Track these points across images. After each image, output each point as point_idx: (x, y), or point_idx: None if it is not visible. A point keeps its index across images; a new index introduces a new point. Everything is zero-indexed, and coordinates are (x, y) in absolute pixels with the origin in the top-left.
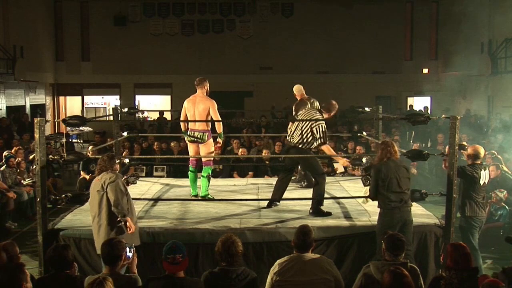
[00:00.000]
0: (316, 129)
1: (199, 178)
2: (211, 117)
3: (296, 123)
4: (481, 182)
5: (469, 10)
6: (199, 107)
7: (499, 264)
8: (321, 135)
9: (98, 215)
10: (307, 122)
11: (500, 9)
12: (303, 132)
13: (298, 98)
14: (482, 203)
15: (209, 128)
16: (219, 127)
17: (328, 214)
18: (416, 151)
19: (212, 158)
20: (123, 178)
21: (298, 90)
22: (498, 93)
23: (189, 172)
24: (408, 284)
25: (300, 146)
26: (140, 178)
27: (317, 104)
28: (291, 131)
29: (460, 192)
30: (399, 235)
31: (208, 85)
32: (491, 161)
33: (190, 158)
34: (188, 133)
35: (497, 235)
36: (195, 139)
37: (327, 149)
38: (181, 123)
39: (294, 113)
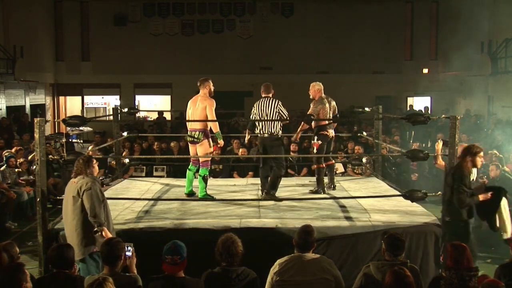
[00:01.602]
0: (280, 111)
1: (196, 178)
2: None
3: (264, 116)
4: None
5: (469, 10)
6: (197, 107)
7: (499, 264)
8: (287, 114)
9: (72, 221)
10: (273, 111)
11: (500, 9)
12: (273, 122)
13: (316, 96)
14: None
15: (207, 128)
16: (215, 127)
17: (280, 200)
18: (415, 151)
19: (209, 159)
20: (100, 178)
21: (319, 86)
22: (498, 93)
23: (188, 170)
24: (410, 284)
25: (274, 135)
26: (140, 178)
27: (333, 103)
28: (260, 127)
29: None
30: (399, 235)
31: (211, 85)
32: (495, 161)
33: (192, 158)
34: (188, 133)
35: (497, 235)
36: (193, 139)
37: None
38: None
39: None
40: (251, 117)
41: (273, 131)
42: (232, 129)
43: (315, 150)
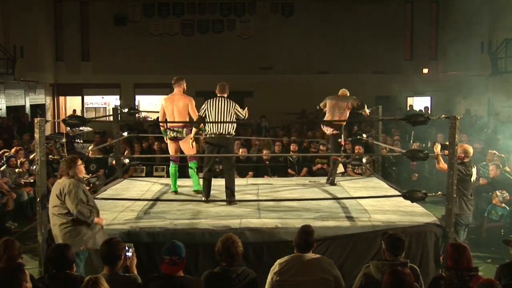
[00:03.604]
0: (237, 111)
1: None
2: (190, 114)
3: (220, 116)
4: (472, 180)
5: (469, 10)
6: (178, 105)
7: (499, 264)
8: (244, 112)
9: (56, 221)
10: (230, 111)
11: (500, 9)
12: (231, 122)
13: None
14: (470, 200)
15: (188, 124)
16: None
17: (236, 202)
18: (415, 151)
19: (195, 153)
20: (86, 179)
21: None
22: (498, 93)
23: (170, 168)
24: (409, 284)
25: (229, 135)
26: (140, 178)
27: (349, 102)
28: (217, 127)
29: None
30: (399, 235)
31: (185, 84)
32: (497, 160)
33: (171, 155)
34: (168, 132)
35: (497, 235)
36: (175, 135)
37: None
38: (160, 124)
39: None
40: (201, 114)
41: (232, 132)
42: None
43: None
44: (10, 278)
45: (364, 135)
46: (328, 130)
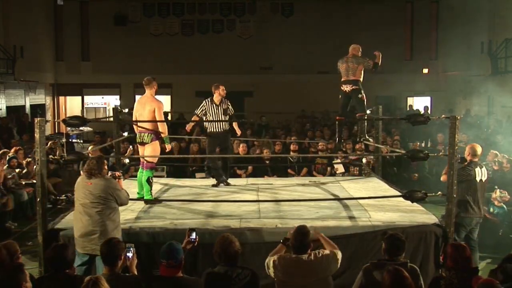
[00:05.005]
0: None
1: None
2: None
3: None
4: (477, 179)
5: (469, 10)
6: (145, 108)
7: (498, 263)
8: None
9: (98, 220)
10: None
11: (500, 9)
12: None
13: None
14: (477, 201)
15: (156, 130)
16: (164, 130)
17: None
18: (415, 151)
19: (154, 161)
20: (110, 174)
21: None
22: (498, 93)
23: (138, 173)
24: (408, 284)
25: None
26: None
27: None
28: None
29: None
30: (399, 235)
31: (156, 85)
32: (497, 160)
33: (141, 160)
34: (137, 135)
35: (496, 235)
36: (142, 141)
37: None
38: (134, 125)
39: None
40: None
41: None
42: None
43: None
44: (10, 278)
45: (371, 140)
46: (347, 87)
